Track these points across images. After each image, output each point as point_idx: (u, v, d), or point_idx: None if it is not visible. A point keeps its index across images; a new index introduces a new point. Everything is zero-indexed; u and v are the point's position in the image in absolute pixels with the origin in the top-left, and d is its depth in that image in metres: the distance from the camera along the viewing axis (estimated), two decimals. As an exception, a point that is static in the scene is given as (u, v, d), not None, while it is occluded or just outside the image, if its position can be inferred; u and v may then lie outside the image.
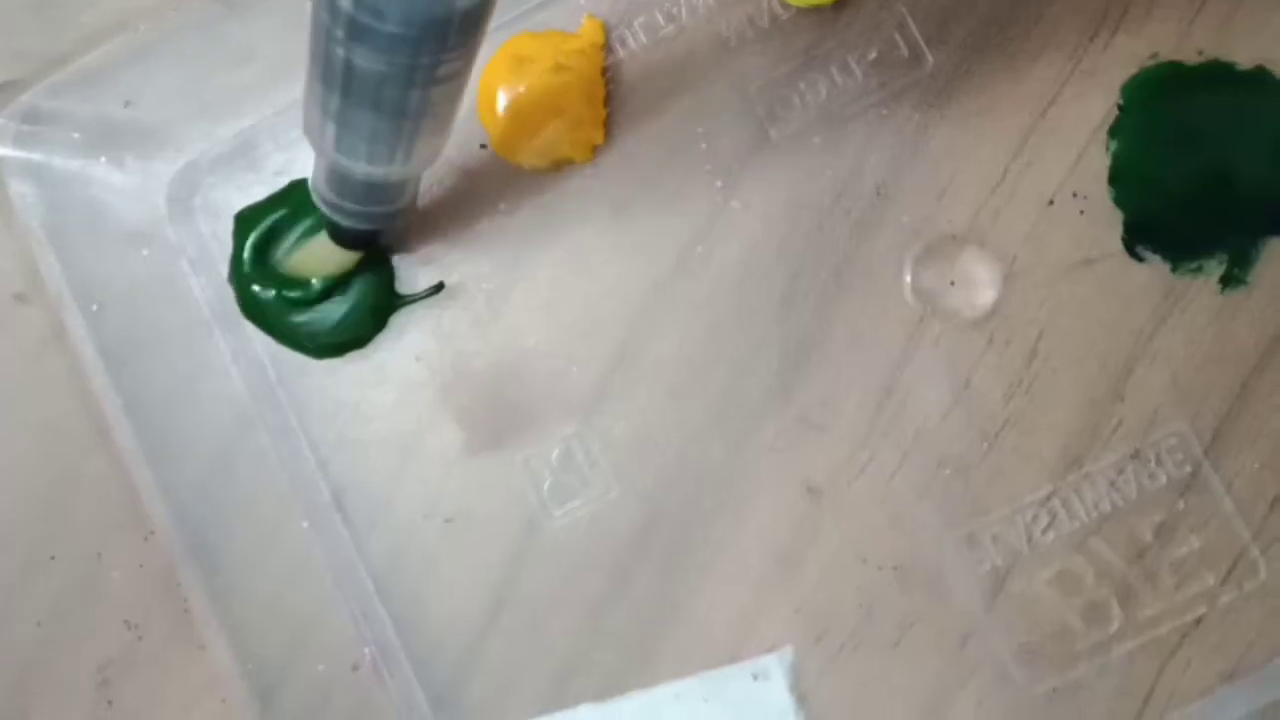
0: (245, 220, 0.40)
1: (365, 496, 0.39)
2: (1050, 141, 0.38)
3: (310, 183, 0.37)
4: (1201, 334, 0.37)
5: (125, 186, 0.41)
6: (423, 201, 0.39)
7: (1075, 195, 0.37)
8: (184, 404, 0.40)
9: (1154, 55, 0.37)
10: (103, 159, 0.41)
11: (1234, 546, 0.36)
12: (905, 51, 0.38)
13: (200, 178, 0.41)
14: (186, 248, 0.40)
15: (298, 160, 0.40)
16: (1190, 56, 0.37)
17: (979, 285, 0.37)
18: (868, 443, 0.37)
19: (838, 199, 0.38)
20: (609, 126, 0.39)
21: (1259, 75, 0.37)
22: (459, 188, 0.39)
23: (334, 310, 0.39)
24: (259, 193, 0.40)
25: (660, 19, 0.40)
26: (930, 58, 0.38)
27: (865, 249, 0.38)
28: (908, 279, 0.38)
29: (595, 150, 0.39)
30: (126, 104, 0.41)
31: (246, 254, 0.40)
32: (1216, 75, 0.37)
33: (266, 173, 0.40)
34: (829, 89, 0.39)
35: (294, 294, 0.39)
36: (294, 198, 0.40)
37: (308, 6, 0.39)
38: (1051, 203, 0.37)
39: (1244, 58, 0.37)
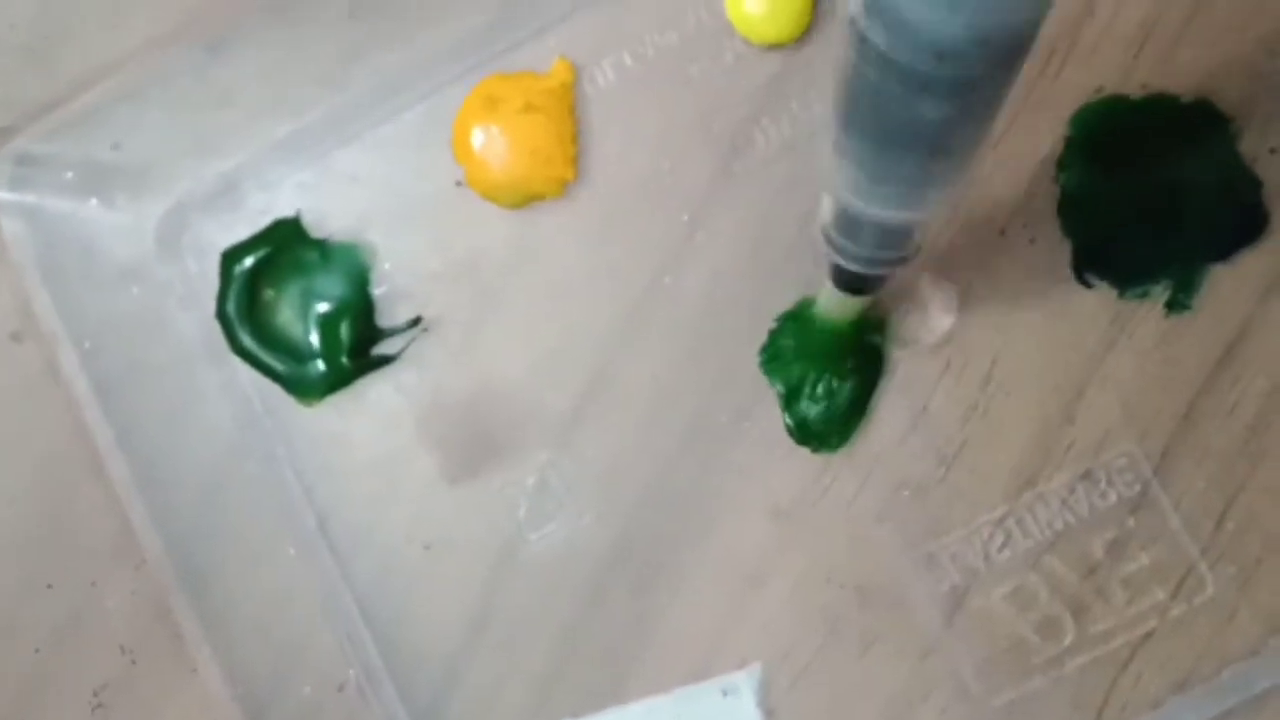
0: (231, 258, 0.42)
1: (349, 523, 0.41)
2: (1001, 173, 0.39)
3: (820, 226, 0.33)
4: (1149, 357, 0.38)
5: (116, 226, 0.42)
6: (398, 239, 0.41)
7: (1026, 225, 0.39)
8: (174, 436, 0.41)
9: (1100, 89, 0.39)
10: (93, 200, 0.42)
11: (1182, 562, 0.37)
12: None
13: (187, 217, 0.42)
14: (175, 285, 0.42)
15: (280, 199, 0.42)
16: (1135, 90, 0.39)
17: (935, 313, 0.39)
18: (830, 466, 0.39)
19: (800, 230, 0.40)
20: (579, 163, 0.41)
21: (1201, 106, 0.38)
22: (435, 224, 0.41)
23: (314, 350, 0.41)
24: (243, 231, 0.42)
25: (628, 58, 0.41)
26: None
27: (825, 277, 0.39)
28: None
29: (566, 186, 0.41)
30: (115, 146, 0.42)
31: (232, 292, 0.41)
32: (1160, 107, 0.38)
33: (250, 212, 0.42)
34: (791, 123, 0.40)
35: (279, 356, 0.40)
36: (277, 236, 0.42)
37: (286, 49, 0.41)
38: (1003, 232, 0.39)
39: (1187, 90, 0.38)
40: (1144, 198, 0.38)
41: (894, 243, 0.32)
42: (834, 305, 0.38)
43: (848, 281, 0.35)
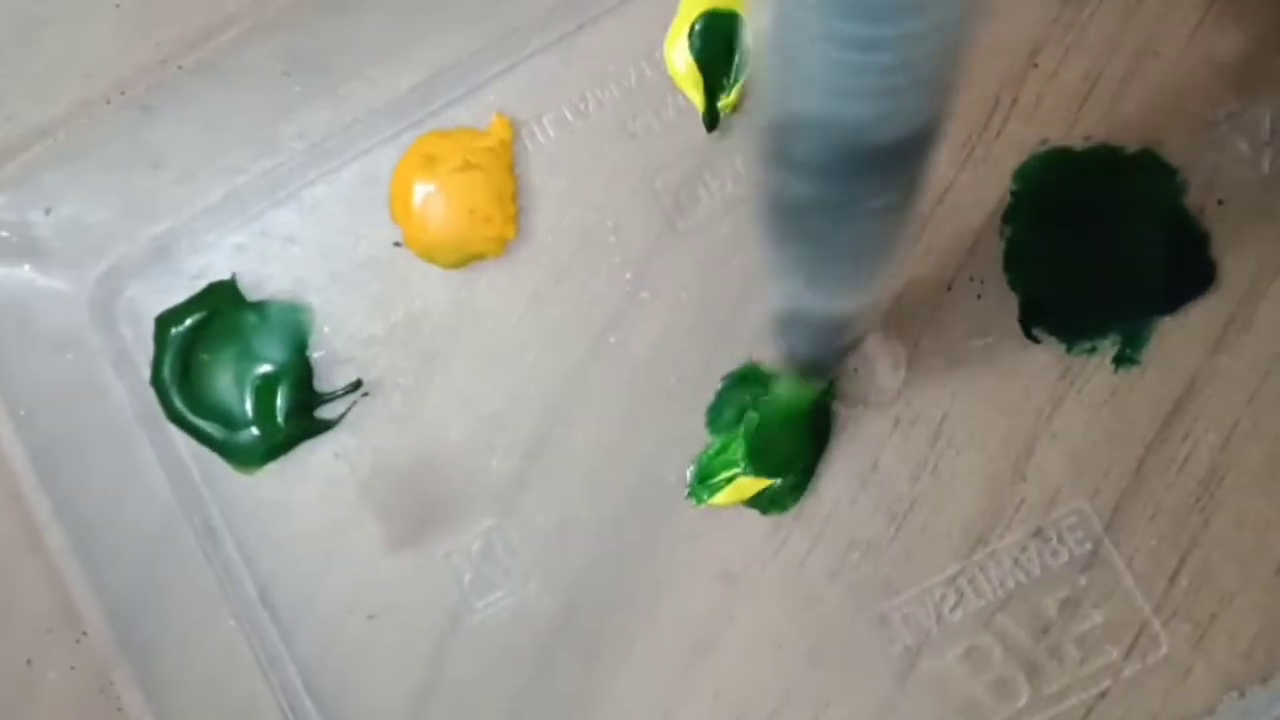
0: (165, 324, 0.41)
1: (291, 593, 0.40)
2: (947, 227, 0.39)
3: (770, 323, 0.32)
4: (1098, 413, 0.38)
5: (49, 292, 0.42)
6: (337, 301, 0.40)
7: (972, 280, 0.38)
8: (112, 505, 0.40)
9: (1044, 141, 0.38)
10: (26, 265, 0.41)
11: (1135, 620, 0.37)
12: None
13: (121, 282, 0.41)
14: (110, 351, 0.41)
15: (216, 262, 0.41)
16: (1079, 142, 0.38)
17: (883, 370, 0.38)
18: (780, 527, 0.38)
19: (745, 288, 0.39)
20: (520, 221, 0.40)
21: (1146, 158, 0.38)
22: (374, 286, 0.40)
23: (252, 417, 0.40)
24: (179, 295, 0.41)
25: (568, 114, 0.40)
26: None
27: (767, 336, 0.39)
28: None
29: (507, 245, 0.40)
30: (47, 211, 0.41)
31: (167, 359, 0.40)
32: (1104, 159, 0.38)
33: (186, 275, 0.41)
34: (734, 179, 0.40)
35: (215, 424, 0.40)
36: (212, 300, 0.41)
37: (220, 109, 0.40)
38: (950, 288, 0.38)
39: (1131, 142, 0.38)
40: (1090, 251, 0.38)
41: (840, 332, 0.31)
42: (792, 389, 0.38)
43: (802, 371, 0.35)
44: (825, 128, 0.21)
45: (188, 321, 0.41)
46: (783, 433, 0.39)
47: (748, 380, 0.38)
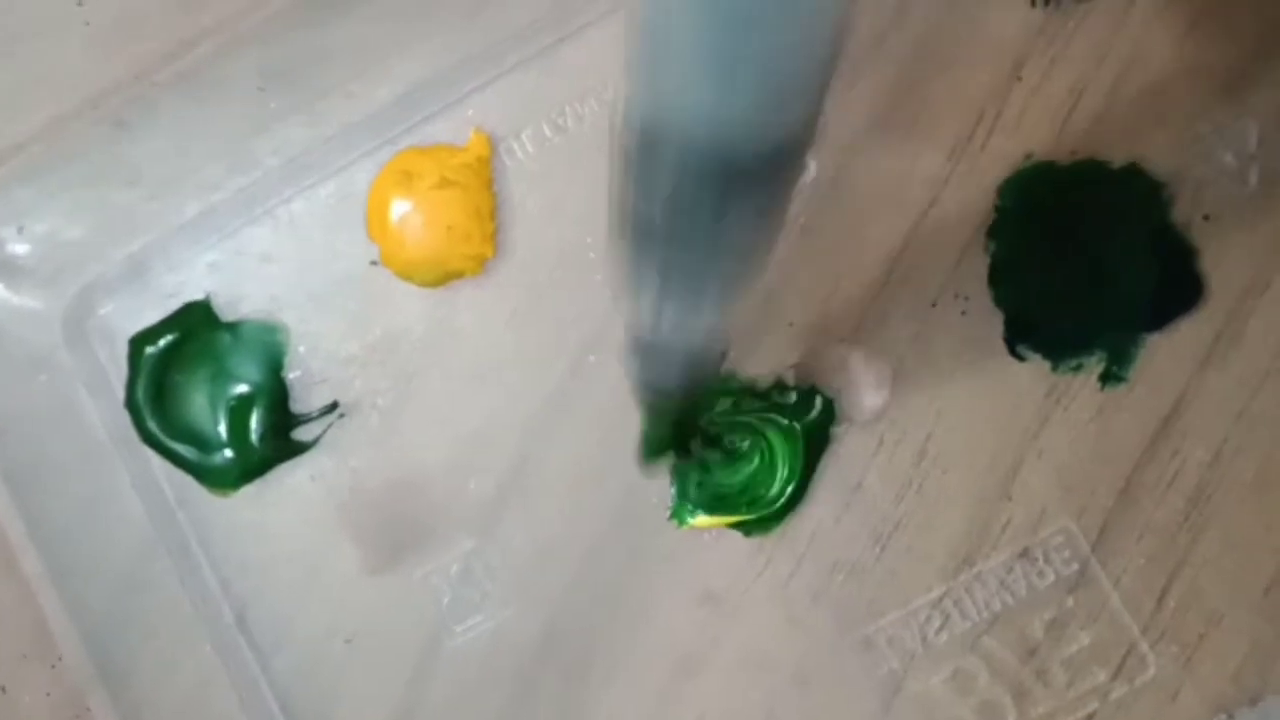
0: (140, 344, 0.40)
1: (268, 617, 0.39)
2: (932, 243, 0.38)
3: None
4: (1084, 431, 0.37)
5: (22, 312, 0.41)
6: (313, 320, 0.39)
7: (957, 296, 0.38)
8: (87, 528, 0.40)
9: (1029, 155, 0.38)
10: (-1, 284, 0.41)
11: (1123, 642, 0.36)
12: None
13: (95, 300, 0.41)
14: (83, 372, 0.40)
15: (189, 282, 0.40)
16: (1064, 156, 0.38)
17: (867, 390, 0.38)
18: (763, 548, 0.38)
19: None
20: (499, 238, 0.40)
21: (1131, 172, 0.37)
22: (350, 304, 0.40)
23: (227, 440, 0.39)
24: (153, 315, 0.40)
25: (547, 130, 0.40)
26: (813, 162, 0.38)
27: (753, 353, 0.38)
28: (794, 383, 0.38)
29: (485, 263, 0.39)
30: (20, 229, 0.41)
31: (141, 381, 0.40)
32: (1090, 174, 0.37)
33: (160, 294, 0.41)
34: (714, 195, 0.39)
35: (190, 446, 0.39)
36: (187, 320, 0.40)
37: (194, 125, 0.39)
38: (935, 304, 0.38)
39: (1116, 156, 0.38)
40: (1076, 267, 0.37)
41: (691, 362, 0.31)
42: (650, 420, 0.36)
43: (654, 399, 0.34)
44: (690, 135, 0.21)
45: (162, 342, 0.40)
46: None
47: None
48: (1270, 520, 0.37)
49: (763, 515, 0.37)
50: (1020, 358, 0.38)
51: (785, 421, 0.38)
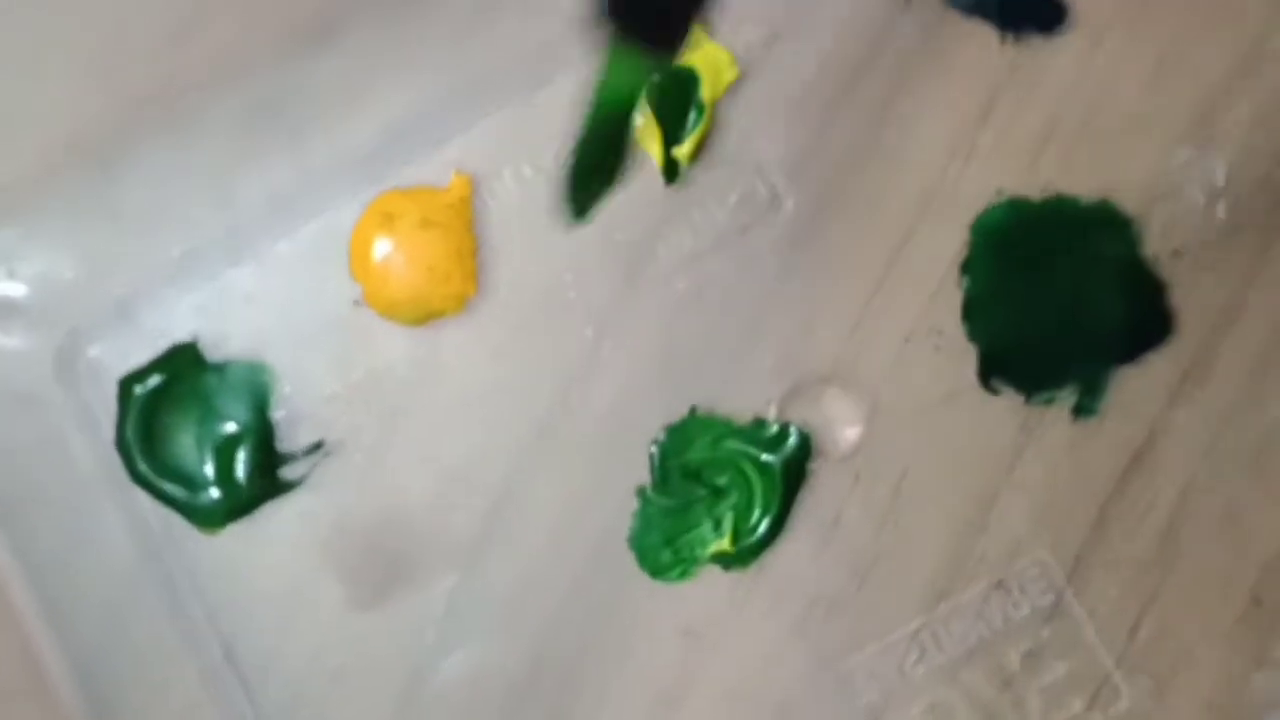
0: (128, 385, 0.41)
1: (255, 651, 0.40)
2: (906, 279, 0.39)
3: None
4: (1058, 464, 0.38)
5: (11, 352, 0.41)
6: (298, 360, 0.40)
7: (931, 331, 0.38)
8: (77, 563, 0.40)
9: (1000, 191, 0.38)
10: (-13, 325, 0.41)
11: (1098, 673, 0.37)
12: (764, 194, 0.39)
13: (84, 342, 0.41)
14: (73, 412, 0.41)
15: (176, 322, 0.41)
16: (1036, 192, 0.38)
17: (843, 423, 0.38)
18: (741, 583, 0.38)
19: (704, 342, 0.39)
20: (480, 277, 0.40)
21: (1103, 208, 0.38)
22: (335, 344, 0.40)
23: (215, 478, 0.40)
24: (141, 356, 0.41)
25: (528, 169, 0.41)
26: (788, 200, 0.39)
27: (731, 390, 0.39)
28: (773, 419, 0.38)
29: (467, 302, 0.40)
30: (10, 272, 0.41)
31: (130, 421, 0.40)
32: (1061, 209, 0.38)
33: (147, 334, 0.41)
34: (692, 234, 0.40)
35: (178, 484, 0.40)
36: (174, 361, 0.41)
37: (179, 166, 0.40)
38: (909, 340, 0.38)
39: (1089, 191, 0.38)
40: (1048, 301, 0.38)
41: None
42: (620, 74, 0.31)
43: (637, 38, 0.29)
44: None
45: (150, 384, 0.41)
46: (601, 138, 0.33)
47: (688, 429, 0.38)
48: (1240, 552, 0.37)
49: (741, 550, 0.38)
50: (994, 391, 0.38)
51: (763, 457, 0.38)
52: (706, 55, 0.40)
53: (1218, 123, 0.39)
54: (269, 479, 0.40)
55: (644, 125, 0.40)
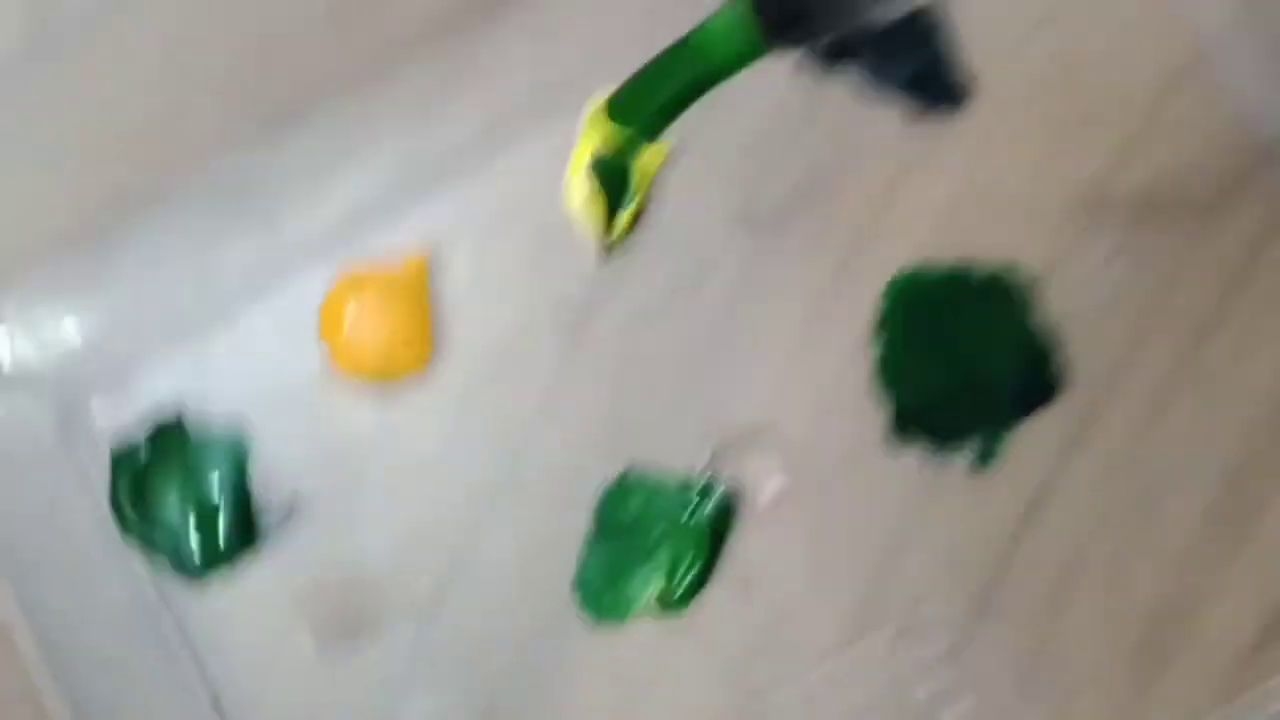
0: (119, 451, 0.45)
1: (240, 698, 0.44)
2: (824, 342, 0.42)
3: None
4: (959, 515, 0.41)
5: (14, 419, 0.46)
6: (272, 426, 0.44)
7: (846, 390, 0.42)
8: (77, 617, 0.45)
9: (908, 259, 0.42)
10: (-11, 393, 0.46)
11: (1000, 711, 0.41)
12: (693, 265, 0.43)
13: (78, 408, 0.46)
14: (70, 473, 0.45)
15: (163, 391, 0.45)
16: (940, 258, 0.42)
17: (766, 478, 0.42)
18: (673, 633, 0.42)
19: (640, 402, 0.43)
20: (437, 341, 0.44)
21: (1001, 274, 0.41)
22: (306, 409, 0.44)
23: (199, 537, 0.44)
24: (131, 420, 0.45)
25: (482, 238, 0.45)
26: (715, 270, 0.43)
27: (665, 447, 0.43)
28: (702, 474, 0.42)
29: (426, 365, 0.44)
30: (11, 343, 0.46)
31: (122, 485, 0.45)
32: (963, 275, 0.42)
33: (138, 401, 0.45)
34: (628, 302, 0.43)
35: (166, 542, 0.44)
36: (160, 431, 0.45)
37: (163, 242, 0.44)
38: (826, 398, 0.42)
39: (990, 256, 0.42)
40: (952, 363, 0.42)
41: None
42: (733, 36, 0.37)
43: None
44: None
45: (139, 452, 0.45)
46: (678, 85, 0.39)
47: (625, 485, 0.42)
48: (1128, 597, 0.41)
49: (673, 599, 0.42)
50: (903, 446, 0.42)
51: (692, 510, 0.42)
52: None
53: (1112, 192, 0.42)
54: (248, 537, 0.44)
55: (584, 203, 0.43)
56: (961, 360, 0.41)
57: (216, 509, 0.44)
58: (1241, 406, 0.41)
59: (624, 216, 0.43)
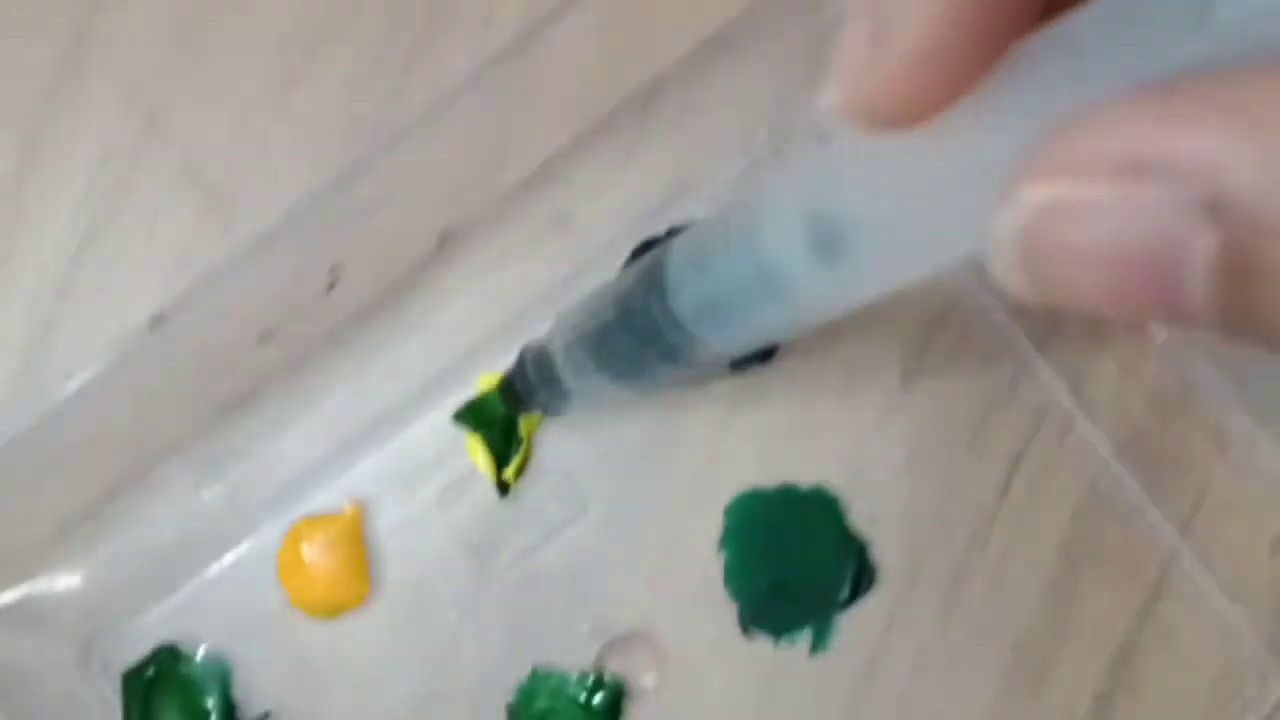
0: (128, 679, 0.57)
1: None
2: (682, 556, 0.52)
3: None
4: (802, 693, 0.51)
5: (41, 654, 0.57)
6: (246, 653, 0.55)
7: (703, 593, 0.52)
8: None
9: (744, 484, 0.52)
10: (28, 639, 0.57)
11: None
12: (574, 500, 0.54)
13: (94, 645, 0.57)
14: (91, 699, 0.56)
15: (161, 626, 0.56)
16: (770, 482, 0.52)
17: (646, 670, 0.52)
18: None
19: (539, 615, 0.54)
20: (373, 578, 0.55)
21: (817, 491, 0.52)
22: (271, 638, 0.55)
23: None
24: (137, 653, 0.56)
25: (403, 491, 0.55)
26: (593, 502, 0.54)
27: (563, 650, 0.53)
28: (593, 671, 0.53)
29: (365, 599, 0.55)
30: (39, 601, 0.57)
31: (134, 707, 0.56)
32: (787, 494, 0.52)
33: (142, 636, 0.56)
34: (523, 535, 0.54)
35: None
36: (159, 660, 0.56)
37: (153, 524, 0.55)
38: (691, 601, 0.53)
39: (805, 478, 0.52)
40: (784, 565, 0.52)
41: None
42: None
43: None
44: None
45: (143, 678, 0.56)
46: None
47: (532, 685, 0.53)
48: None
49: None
50: (751, 636, 0.52)
51: (587, 703, 0.53)
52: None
53: (892, 418, 0.52)
54: (234, 744, 0.55)
55: (479, 455, 0.54)
56: (793, 562, 0.52)
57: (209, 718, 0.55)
58: (1022, 585, 0.51)
59: (512, 466, 0.54)
